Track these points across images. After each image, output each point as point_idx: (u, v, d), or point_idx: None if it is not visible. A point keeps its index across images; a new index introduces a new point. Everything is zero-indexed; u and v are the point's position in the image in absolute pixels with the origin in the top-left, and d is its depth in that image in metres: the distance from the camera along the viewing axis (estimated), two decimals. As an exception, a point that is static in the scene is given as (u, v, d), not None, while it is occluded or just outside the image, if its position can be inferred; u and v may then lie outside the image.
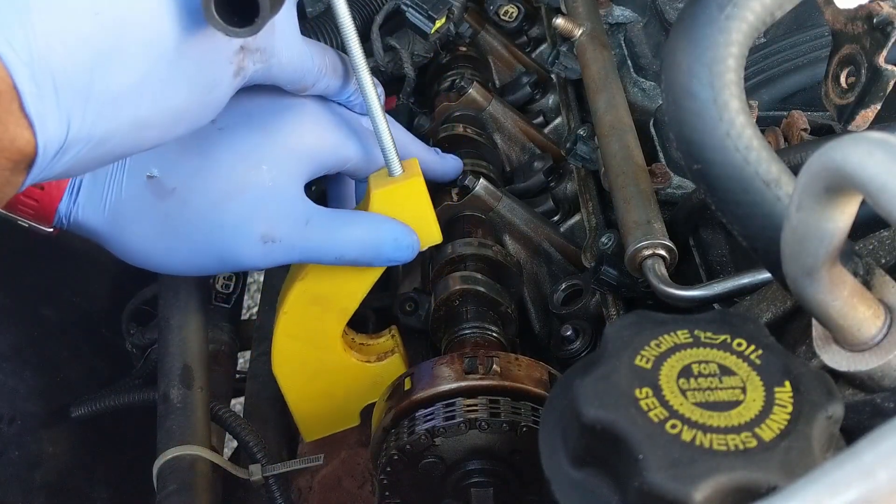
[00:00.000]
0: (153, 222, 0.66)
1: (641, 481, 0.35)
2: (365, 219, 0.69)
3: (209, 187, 0.65)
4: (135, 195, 0.66)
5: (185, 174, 0.66)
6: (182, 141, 0.66)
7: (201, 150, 0.66)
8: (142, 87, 0.50)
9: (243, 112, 0.68)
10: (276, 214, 0.66)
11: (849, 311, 0.39)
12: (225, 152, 0.66)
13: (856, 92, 0.58)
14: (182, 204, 0.65)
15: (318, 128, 0.69)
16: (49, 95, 0.45)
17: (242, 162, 0.66)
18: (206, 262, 0.68)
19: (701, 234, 0.73)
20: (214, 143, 0.66)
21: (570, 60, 0.90)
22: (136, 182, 0.66)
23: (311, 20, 0.97)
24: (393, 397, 0.64)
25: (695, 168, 0.45)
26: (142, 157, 0.65)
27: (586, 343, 0.76)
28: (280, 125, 0.68)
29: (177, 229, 0.66)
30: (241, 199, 0.65)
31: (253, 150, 0.67)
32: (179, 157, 0.66)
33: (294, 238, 0.66)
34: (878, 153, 0.31)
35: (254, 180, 0.66)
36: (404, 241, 0.68)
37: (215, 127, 0.67)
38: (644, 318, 0.42)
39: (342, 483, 0.91)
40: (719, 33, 0.44)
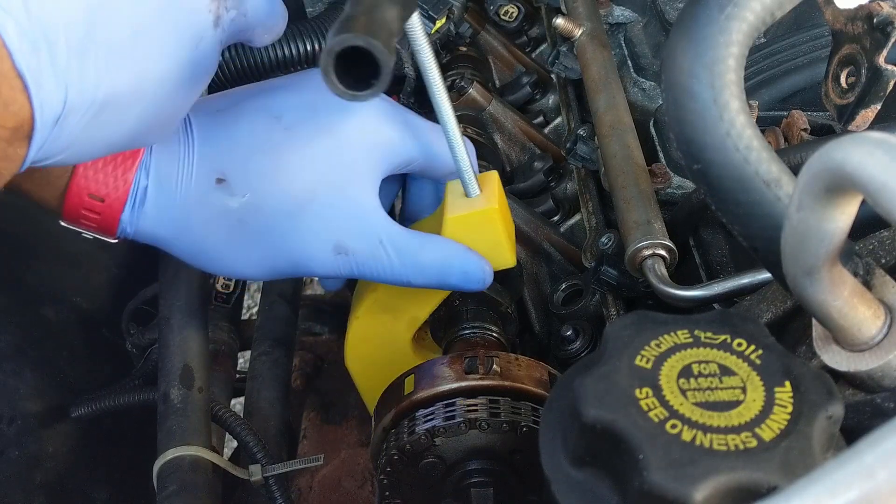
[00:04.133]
0: (224, 229, 0.64)
1: (641, 481, 0.35)
2: (437, 247, 0.67)
3: (280, 194, 0.64)
4: (204, 202, 0.64)
5: (254, 179, 0.64)
6: (249, 143, 0.65)
7: (269, 153, 0.64)
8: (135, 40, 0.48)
9: (308, 107, 0.66)
10: (349, 225, 0.65)
11: (849, 311, 0.39)
12: (293, 156, 0.64)
13: (856, 92, 0.58)
14: (254, 210, 0.64)
15: (384, 125, 0.67)
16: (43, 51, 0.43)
17: (312, 167, 0.64)
18: (279, 267, 0.67)
19: (701, 234, 0.73)
20: (281, 145, 0.65)
21: (570, 60, 0.90)
22: (204, 188, 0.64)
23: (311, 20, 0.97)
24: (393, 397, 0.64)
25: (695, 168, 0.45)
26: (209, 161, 0.64)
27: (586, 343, 0.76)
28: (347, 124, 0.66)
29: (249, 236, 0.65)
30: (313, 206, 0.64)
31: (322, 154, 0.65)
32: (247, 160, 0.64)
33: (365, 255, 0.65)
34: (878, 153, 0.31)
35: (324, 187, 0.64)
36: (474, 274, 0.67)
37: (281, 126, 0.65)
38: (644, 318, 0.42)
39: (342, 483, 0.91)
40: (719, 33, 0.44)
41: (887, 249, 0.48)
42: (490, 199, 0.68)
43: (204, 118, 0.66)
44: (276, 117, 0.65)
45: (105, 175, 0.62)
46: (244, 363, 1.01)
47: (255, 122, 0.65)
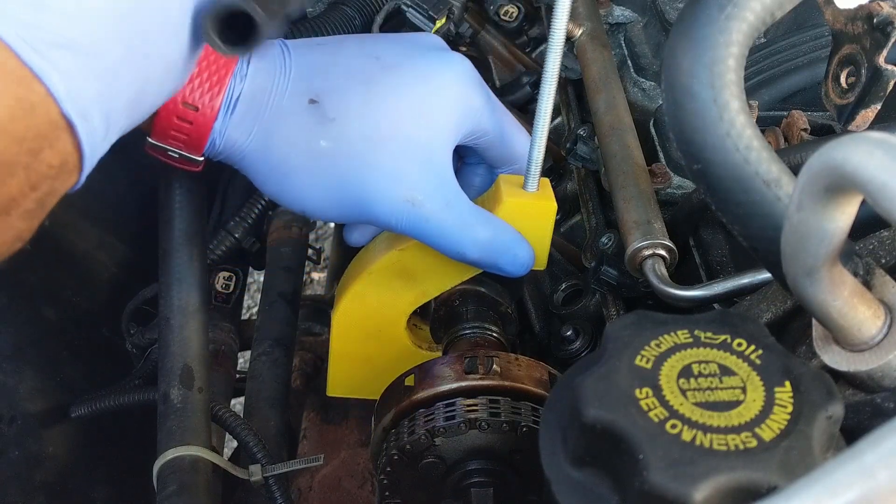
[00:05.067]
0: (307, 150, 0.65)
1: (641, 481, 0.35)
2: (494, 224, 0.67)
3: (367, 123, 0.65)
4: (293, 119, 0.64)
5: (345, 104, 0.65)
6: (345, 71, 0.66)
7: (364, 83, 0.65)
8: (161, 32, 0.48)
9: (408, 52, 0.68)
10: (423, 175, 0.65)
11: (849, 311, 0.39)
12: (386, 91, 0.65)
13: (856, 92, 0.59)
14: (338, 135, 0.64)
15: (473, 88, 0.68)
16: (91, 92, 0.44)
17: (404, 105, 0.65)
18: (346, 203, 0.67)
19: (701, 234, 0.73)
20: (378, 79, 0.66)
21: (570, 60, 0.90)
22: (295, 105, 0.65)
23: (310, 20, 0.97)
24: (393, 397, 0.64)
25: (695, 168, 0.45)
26: (305, 81, 0.65)
27: (586, 343, 0.76)
28: (442, 74, 0.67)
29: (328, 161, 0.65)
30: (394, 143, 0.65)
31: (414, 95, 0.66)
32: (343, 86, 0.65)
33: (431, 212, 0.65)
34: (878, 153, 0.31)
35: (409, 128, 0.65)
36: (522, 259, 0.68)
37: (379, 65, 0.66)
38: (644, 318, 0.42)
39: (342, 483, 0.91)
40: (719, 33, 0.44)
41: (887, 249, 0.48)
42: (549, 196, 0.69)
43: (303, 47, 0.67)
44: (376, 57, 0.67)
45: (200, 83, 0.62)
46: (244, 363, 1.01)
47: (353, 56, 0.67)
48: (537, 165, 0.67)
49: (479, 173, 0.78)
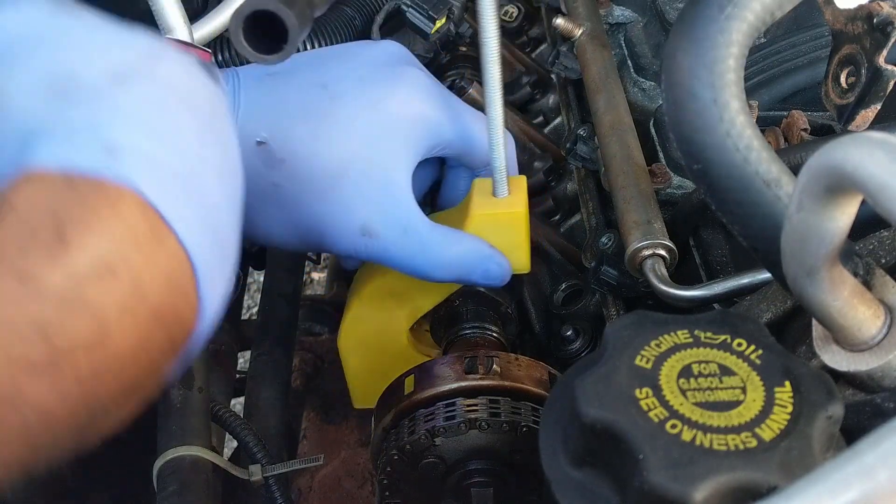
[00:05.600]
0: (259, 191, 0.65)
1: (641, 481, 0.35)
2: (462, 244, 0.67)
3: (317, 161, 0.64)
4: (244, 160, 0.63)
5: (294, 144, 0.65)
6: (293, 109, 0.66)
7: (312, 120, 0.65)
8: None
9: (356, 77, 0.67)
10: (378, 206, 0.65)
11: (849, 311, 0.39)
12: (335, 125, 0.65)
13: (856, 92, 0.58)
14: (291, 175, 0.64)
15: (427, 103, 0.68)
16: (217, 260, 0.44)
17: (351, 138, 0.65)
18: (306, 238, 0.67)
19: (701, 234, 0.73)
20: (326, 113, 0.65)
21: (570, 60, 0.90)
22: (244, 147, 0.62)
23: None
24: (393, 397, 0.64)
25: (695, 168, 0.45)
26: (251, 122, 0.65)
27: (586, 343, 0.76)
28: (393, 96, 0.66)
29: (282, 201, 0.65)
30: (347, 178, 0.64)
31: (363, 126, 0.65)
32: (291, 125, 0.65)
33: (389, 242, 0.66)
34: (878, 153, 0.31)
35: (361, 160, 0.65)
36: (494, 272, 0.68)
37: (327, 95, 0.66)
38: (644, 318, 0.42)
39: (342, 483, 0.91)
40: (719, 33, 0.44)
41: (887, 249, 0.48)
42: (517, 203, 0.68)
43: (252, 80, 0.67)
44: (323, 86, 0.67)
45: None
46: (244, 363, 1.01)
47: (302, 89, 0.67)
48: (501, 172, 0.67)
49: (464, 176, 0.77)
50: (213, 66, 0.65)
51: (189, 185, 0.42)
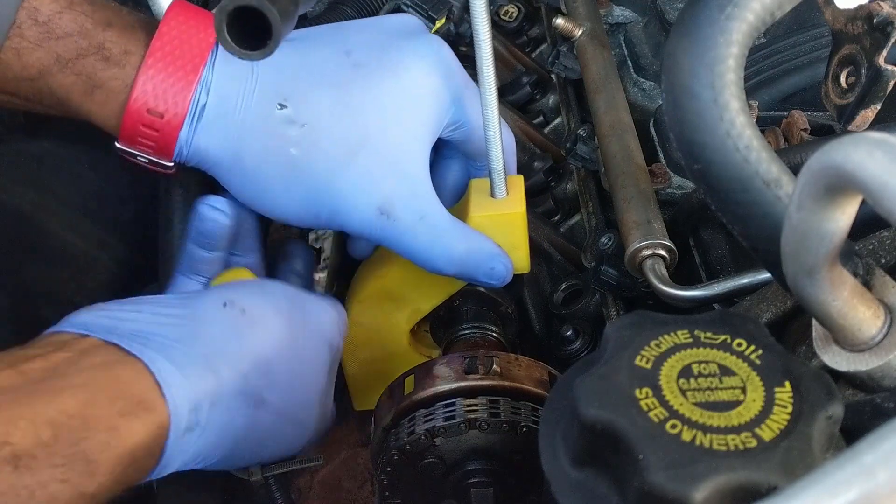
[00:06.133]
0: (278, 158, 0.63)
1: (641, 481, 0.35)
2: (470, 238, 0.66)
3: (339, 128, 0.63)
4: (262, 125, 0.63)
5: (316, 109, 0.63)
6: (315, 73, 0.64)
7: (334, 86, 0.64)
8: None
9: (378, 46, 0.66)
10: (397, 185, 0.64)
11: (849, 311, 0.39)
12: (357, 92, 0.64)
13: (856, 92, 0.58)
14: (310, 142, 0.63)
15: (446, 77, 0.66)
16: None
17: (375, 108, 0.64)
18: (320, 212, 0.66)
19: (701, 234, 0.73)
20: (349, 80, 0.64)
21: (570, 60, 0.90)
22: (265, 111, 0.63)
23: (310, 20, 0.97)
24: (393, 397, 0.64)
25: (695, 168, 0.45)
26: (273, 85, 0.63)
27: (586, 343, 0.76)
28: (415, 65, 0.65)
29: (300, 169, 0.64)
30: (368, 150, 0.63)
31: (386, 96, 0.64)
32: (312, 90, 0.64)
33: (406, 225, 0.64)
34: (878, 153, 0.31)
35: (382, 131, 0.64)
36: (499, 272, 0.67)
37: (349, 62, 0.65)
38: (644, 318, 0.42)
39: (342, 483, 0.91)
40: (719, 33, 0.44)
41: (887, 249, 0.47)
42: (516, 203, 0.68)
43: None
44: (346, 52, 0.65)
45: (164, 90, 0.61)
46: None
47: (324, 55, 0.65)
48: (499, 173, 0.66)
49: (454, 169, 0.76)
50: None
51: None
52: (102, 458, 0.49)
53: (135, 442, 0.50)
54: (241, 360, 0.57)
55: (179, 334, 0.56)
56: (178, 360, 0.54)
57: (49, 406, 0.48)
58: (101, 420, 0.49)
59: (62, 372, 0.50)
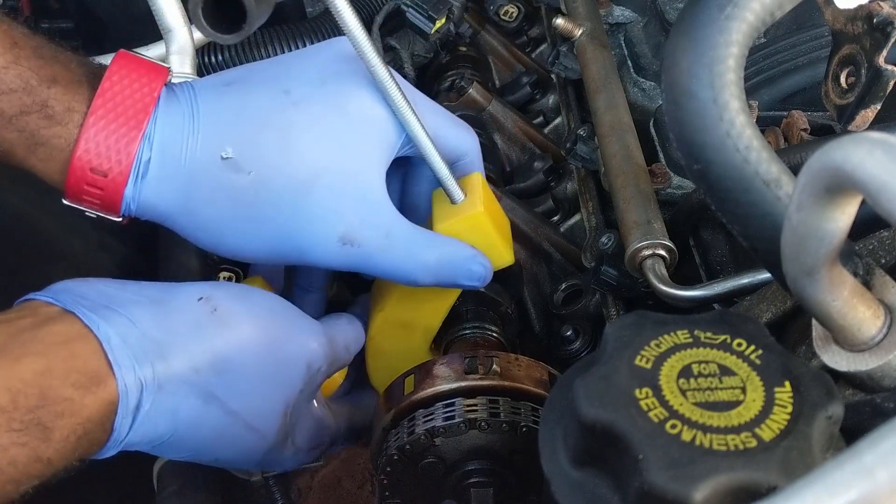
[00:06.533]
0: (229, 206, 0.63)
1: (641, 481, 0.35)
2: (444, 244, 0.66)
3: (288, 171, 0.63)
4: (209, 177, 0.63)
5: (261, 155, 0.63)
6: (256, 118, 0.63)
7: (277, 129, 0.63)
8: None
9: (317, 80, 0.65)
10: (357, 212, 0.64)
11: (849, 311, 0.39)
12: (302, 133, 0.63)
13: (856, 92, 0.58)
14: (260, 188, 0.63)
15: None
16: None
17: (321, 144, 0.63)
18: (283, 251, 0.66)
19: (701, 234, 0.73)
20: (291, 121, 0.63)
21: (570, 60, 0.90)
22: (209, 163, 0.62)
23: (310, 20, 0.97)
24: (393, 397, 0.64)
25: (695, 168, 0.45)
26: (215, 133, 0.63)
27: (586, 343, 0.76)
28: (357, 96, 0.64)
29: (254, 215, 0.63)
30: (320, 187, 0.63)
31: (330, 132, 0.63)
32: (255, 136, 0.63)
33: (373, 248, 0.64)
34: (878, 153, 0.31)
35: (333, 167, 0.63)
36: (477, 271, 0.67)
37: (289, 101, 0.64)
38: (644, 318, 0.42)
39: (342, 483, 0.91)
40: (719, 33, 0.44)
41: (887, 249, 0.47)
42: (475, 203, 0.67)
43: (210, 93, 0.65)
44: (285, 91, 0.64)
45: (107, 148, 0.61)
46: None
47: (262, 97, 0.64)
48: (446, 180, 0.66)
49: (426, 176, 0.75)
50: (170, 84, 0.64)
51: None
52: (57, 425, 0.52)
53: (87, 415, 0.53)
54: (196, 354, 0.58)
55: (145, 316, 0.58)
56: (132, 342, 0.56)
57: (7, 373, 0.51)
58: (57, 390, 0.52)
59: (23, 339, 0.53)
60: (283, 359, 0.63)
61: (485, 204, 0.68)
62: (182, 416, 0.58)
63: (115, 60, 0.63)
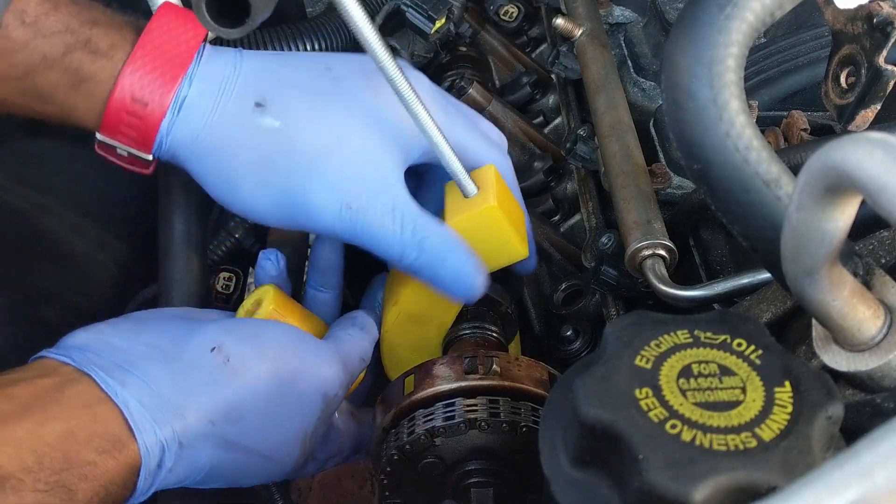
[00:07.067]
0: (251, 154, 0.65)
1: (641, 481, 0.35)
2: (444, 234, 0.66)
3: (312, 130, 0.65)
4: (238, 122, 0.65)
5: (292, 110, 0.65)
6: (295, 79, 0.66)
7: (312, 92, 0.66)
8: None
9: (360, 69, 0.68)
10: (367, 183, 0.65)
11: (849, 312, 0.39)
12: (334, 100, 0.66)
13: (856, 92, 0.58)
14: (283, 141, 0.64)
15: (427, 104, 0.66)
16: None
17: (351, 116, 0.65)
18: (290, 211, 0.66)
19: (701, 234, 0.73)
20: (327, 89, 0.66)
21: (570, 60, 0.90)
22: (242, 108, 0.65)
23: (310, 20, 0.97)
24: (393, 397, 0.64)
25: (695, 168, 0.45)
26: (252, 85, 0.65)
27: (586, 343, 0.76)
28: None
29: (272, 166, 0.65)
30: (339, 153, 0.64)
31: (363, 107, 0.66)
32: (291, 93, 0.65)
33: (375, 217, 0.65)
34: (878, 153, 0.31)
35: (357, 137, 0.65)
36: (465, 278, 0.66)
37: (330, 75, 0.67)
38: (644, 318, 0.42)
39: (342, 483, 0.91)
40: (719, 33, 0.44)
41: (887, 249, 0.48)
42: (488, 197, 0.67)
43: (256, 56, 0.68)
44: (327, 68, 0.68)
45: (151, 81, 0.63)
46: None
47: (305, 65, 0.68)
48: (458, 173, 0.66)
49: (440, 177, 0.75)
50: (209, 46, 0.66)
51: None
52: (80, 487, 0.53)
53: (109, 477, 0.55)
54: (211, 408, 0.60)
55: (160, 375, 0.60)
56: (149, 405, 0.58)
57: (32, 435, 0.52)
58: (80, 454, 0.54)
59: (46, 401, 0.55)
60: (298, 394, 0.64)
61: (498, 197, 0.67)
62: (202, 464, 0.60)
63: (161, 7, 0.66)
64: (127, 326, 0.64)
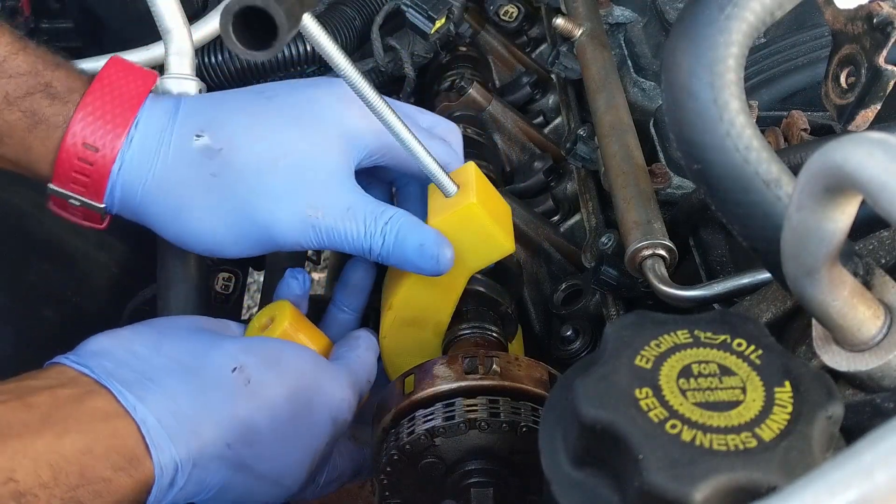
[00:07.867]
0: (197, 184, 0.66)
1: (641, 481, 0.35)
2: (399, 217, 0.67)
3: (253, 147, 0.66)
4: (182, 155, 0.66)
5: (230, 133, 0.66)
6: (231, 106, 0.68)
7: (248, 114, 0.67)
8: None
9: (289, 85, 0.70)
10: (318, 189, 0.66)
11: (849, 312, 0.39)
12: (270, 116, 0.67)
13: (856, 92, 0.58)
14: (227, 164, 0.65)
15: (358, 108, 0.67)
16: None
17: (289, 126, 0.67)
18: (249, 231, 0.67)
19: (701, 234, 0.73)
20: (263, 108, 0.68)
21: (570, 60, 0.90)
22: (184, 142, 0.66)
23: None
24: (393, 397, 0.64)
25: (695, 168, 0.45)
26: (191, 120, 0.67)
27: (586, 343, 0.76)
28: (326, 100, 0.68)
29: (221, 192, 0.66)
30: (284, 164, 0.65)
31: (298, 119, 0.67)
32: (228, 117, 0.67)
33: (334, 220, 0.66)
34: (878, 153, 0.31)
35: (300, 145, 0.66)
36: (430, 250, 0.66)
37: (263, 96, 0.69)
38: (644, 318, 0.42)
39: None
40: (719, 33, 0.44)
41: (887, 249, 0.47)
42: (468, 194, 0.67)
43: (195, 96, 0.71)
44: (261, 92, 0.70)
45: (102, 126, 0.65)
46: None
47: (239, 94, 0.70)
48: (436, 174, 0.66)
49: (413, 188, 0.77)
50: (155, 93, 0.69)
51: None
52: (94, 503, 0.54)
53: (122, 494, 0.55)
54: (229, 429, 0.60)
55: (180, 390, 0.60)
56: (168, 422, 0.58)
57: (51, 449, 0.52)
58: (96, 470, 0.54)
59: (65, 413, 0.55)
60: (311, 420, 0.65)
61: (479, 194, 0.67)
62: (212, 485, 0.61)
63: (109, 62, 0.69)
64: (149, 335, 0.64)
